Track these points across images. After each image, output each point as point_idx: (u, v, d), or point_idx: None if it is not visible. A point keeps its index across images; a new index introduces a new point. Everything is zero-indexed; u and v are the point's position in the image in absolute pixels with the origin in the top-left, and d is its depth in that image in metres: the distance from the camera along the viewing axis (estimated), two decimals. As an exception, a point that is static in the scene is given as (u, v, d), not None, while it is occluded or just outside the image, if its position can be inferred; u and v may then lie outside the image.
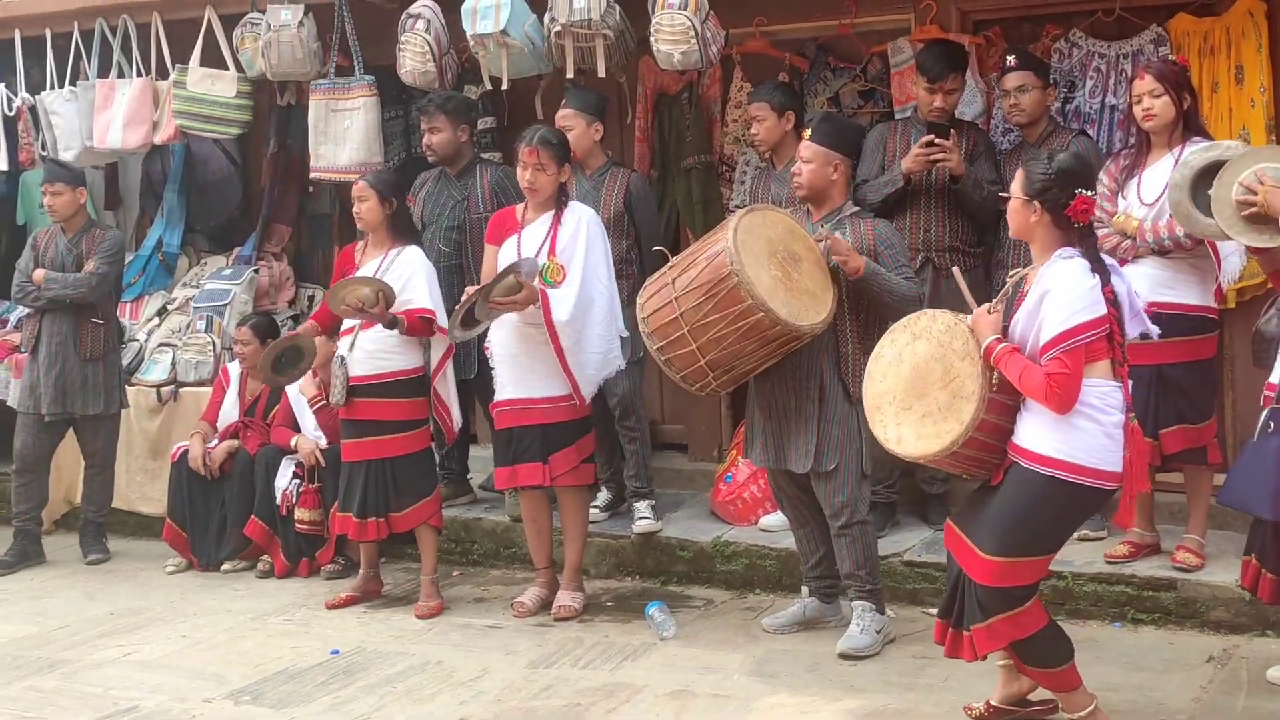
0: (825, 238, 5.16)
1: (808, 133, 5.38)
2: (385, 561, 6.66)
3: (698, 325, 5.08)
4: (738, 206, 6.49)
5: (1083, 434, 4.05)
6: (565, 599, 5.99)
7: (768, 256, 5.07)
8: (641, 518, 6.46)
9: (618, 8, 6.43)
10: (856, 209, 5.45)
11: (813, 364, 5.28)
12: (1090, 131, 6.25)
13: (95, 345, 7.22)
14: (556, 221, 5.84)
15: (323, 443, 6.82)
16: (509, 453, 5.94)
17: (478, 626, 5.95)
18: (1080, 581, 5.60)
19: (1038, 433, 4.10)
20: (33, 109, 8.20)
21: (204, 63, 7.67)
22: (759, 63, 7.08)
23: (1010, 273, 4.45)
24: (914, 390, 4.27)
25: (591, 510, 6.49)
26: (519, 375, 5.87)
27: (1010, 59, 6.00)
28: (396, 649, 5.71)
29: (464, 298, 5.74)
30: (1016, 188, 4.26)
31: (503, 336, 5.90)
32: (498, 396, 5.96)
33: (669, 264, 5.31)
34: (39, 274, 7.16)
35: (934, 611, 4.66)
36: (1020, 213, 4.24)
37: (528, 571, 6.39)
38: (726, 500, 6.61)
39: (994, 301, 4.32)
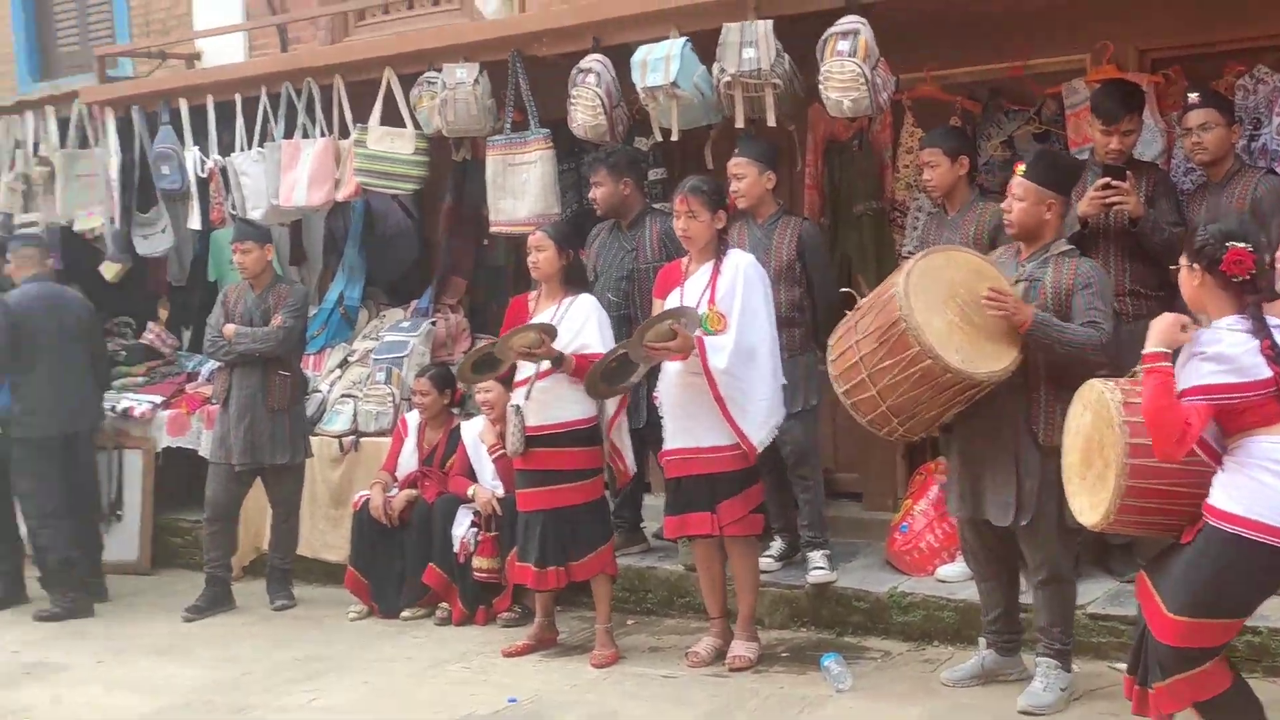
0: (996, 300, 5.00)
1: (1021, 168, 5.22)
2: (560, 610, 6.71)
3: (876, 370, 4.99)
4: (910, 253, 6.41)
5: (1274, 493, 3.91)
6: (740, 649, 5.97)
7: (945, 300, 4.95)
8: (816, 568, 6.40)
9: (787, 57, 6.41)
10: (1068, 247, 5.22)
11: (1003, 411, 5.12)
12: (1278, 170, 6.05)
13: (282, 397, 7.44)
14: (716, 270, 5.88)
15: (500, 492, 6.91)
16: (678, 502, 5.96)
17: (653, 676, 5.96)
18: (1278, 637, 5.37)
19: (1227, 491, 3.97)
20: (223, 170, 8.52)
21: (383, 122, 7.88)
22: (930, 107, 7.01)
23: None
24: (1085, 460, 4.26)
25: (765, 560, 6.47)
26: (684, 424, 5.89)
27: (1192, 96, 5.84)
28: (573, 698, 5.74)
29: (613, 348, 5.80)
30: (1181, 258, 4.19)
31: (668, 386, 5.95)
32: (665, 445, 6.00)
33: (856, 306, 5.25)
34: (229, 329, 7.38)
35: (1121, 666, 4.52)
36: (1187, 282, 4.18)
37: (702, 621, 6.37)
38: (903, 550, 6.51)
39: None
